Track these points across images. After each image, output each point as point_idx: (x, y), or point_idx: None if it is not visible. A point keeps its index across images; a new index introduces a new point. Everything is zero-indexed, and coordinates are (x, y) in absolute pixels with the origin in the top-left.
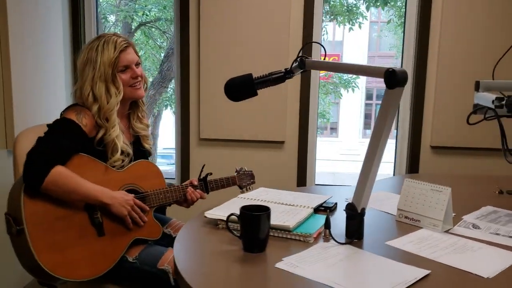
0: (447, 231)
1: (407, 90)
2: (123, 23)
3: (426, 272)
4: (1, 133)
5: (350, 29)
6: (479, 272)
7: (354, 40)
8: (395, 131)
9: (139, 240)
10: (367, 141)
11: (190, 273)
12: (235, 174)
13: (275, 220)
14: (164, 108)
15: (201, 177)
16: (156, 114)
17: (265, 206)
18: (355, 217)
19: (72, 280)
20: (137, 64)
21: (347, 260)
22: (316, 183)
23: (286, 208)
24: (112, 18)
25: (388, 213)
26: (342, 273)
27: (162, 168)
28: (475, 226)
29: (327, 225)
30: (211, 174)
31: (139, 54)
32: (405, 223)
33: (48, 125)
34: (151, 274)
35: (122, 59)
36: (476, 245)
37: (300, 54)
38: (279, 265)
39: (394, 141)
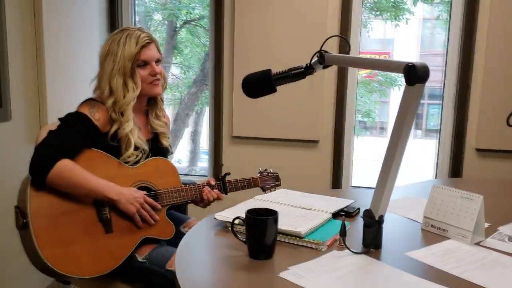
0: (477, 243)
1: (451, 89)
2: (168, 22)
3: None
4: (36, 128)
5: (397, 25)
6: None
7: (405, 37)
8: (438, 132)
9: (152, 239)
10: (417, 141)
11: (187, 279)
12: (258, 175)
13: (287, 225)
14: (206, 105)
15: (220, 177)
16: (198, 111)
17: (273, 210)
18: (372, 224)
19: (75, 276)
20: (158, 61)
21: (358, 271)
22: (353, 185)
23: (302, 212)
24: (158, 16)
25: (415, 220)
26: (349, 286)
27: (202, 165)
28: (511, 239)
29: (342, 232)
30: (229, 174)
31: (184, 51)
32: (431, 233)
33: (59, 119)
34: (159, 275)
35: (143, 55)
36: (509, 260)
37: (321, 49)
38: (283, 274)
39: (436, 142)
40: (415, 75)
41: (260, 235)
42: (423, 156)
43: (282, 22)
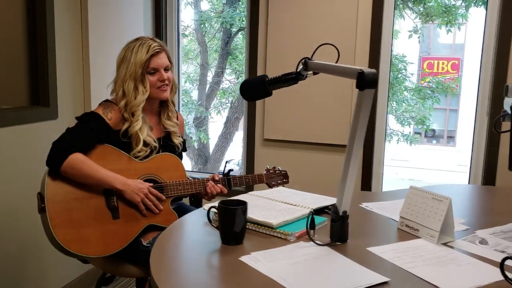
0: (445, 244)
1: (485, 93)
2: (223, 29)
3: (384, 279)
4: None
5: (448, 31)
6: (442, 285)
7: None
8: (472, 138)
9: (156, 227)
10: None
11: (158, 252)
12: (264, 172)
13: (263, 217)
14: None
15: (224, 172)
16: None
17: (243, 201)
18: (337, 219)
19: (84, 255)
20: (167, 69)
21: (312, 260)
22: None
23: (286, 207)
24: (212, 24)
25: (396, 220)
26: (297, 271)
27: None
28: (482, 242)
29: (311, 225)
30: (232, 170)
31: (239, 57)
32: (405, 232)
33: (76, 118)
34: None
35: (152, 62)
36: (466, 260)
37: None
38: (243, 258)
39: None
40: (364, 81)
41: (229, 223)
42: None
43: (313, 25)
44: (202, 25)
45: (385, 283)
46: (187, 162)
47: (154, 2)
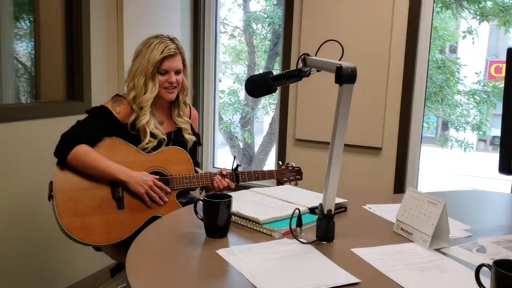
0: (439, 249)
1: None
2: (272, 29)
3: (354, 280)
4: None
5: (506, 31)
6: None
7: None
8: None
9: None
10: None
11: (142, 240)
12: (276, 168)
13: (254, 212)
14: None
15: (232, 168)
16: None
17: (228, 196)
18: (322, 218)
19: (88, 243)
20: (178, 72)
21: (289, 257)
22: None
23: (280, 204)
24: (263, 25)
25: (393, 223)
26: (268, 267)
27: None
28: (480, 250)
29: (298, 223)
30: (240, 165)
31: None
32: (400, 235)
33: (86, 111)
34: None
35: (164, 64)
36: (452, 266)
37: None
38: (220, 251)
39: None
40: (342, 75)
41: (213, 216)
42: None
43: (346, 26)
44: (249, 26)
45: (355, 284)
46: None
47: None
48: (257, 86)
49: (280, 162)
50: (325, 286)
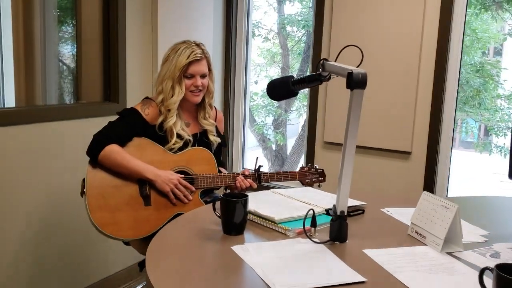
0: (451, 253)
1: None
2: (307, 33)
3: (361, 279)
4: None
5: None
6: None
7: None
8: None
9: None
10: None
11: (161, 237)
12: (298, 170)
13: (270, 212)
14: None
15: (254, 168)
16: None
17: (245, 195)
18: (335, 219)
19: (117, 237)
20: (203, 76)
21: (300, 256)
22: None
23: (298, 205)
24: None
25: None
26: (278, 264)
27: None
28: (494, 255)
29: (312, 223)
30: (262, 166)
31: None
32: (414, 238)
33: (117, 113)
34: None
35: (190, 68)
36: (462, 270)
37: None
38: (234, 247)
39: None
40: (352, 81)
41: (230, 214)
42: None
43: (377, 28)
44: (283, 29)
45: (361, 282)
46: (264, 163)
47: (225, 3)
48: (278, 89)
49: (303, 164)
50: (331, 283)
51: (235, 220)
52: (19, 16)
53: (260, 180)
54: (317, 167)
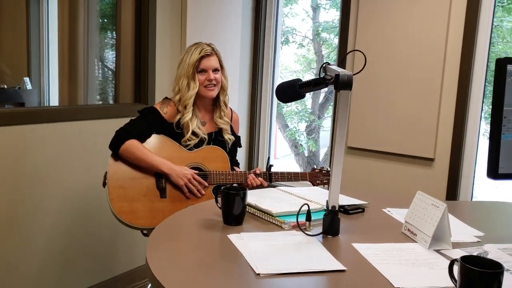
0: (439, 250)
1: None
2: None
3: (341, 267)
4: None
5: None
6: (393, 281)
7: None
8: None
9: None
10: None
11: (166, 223)
12: (309, 170)
13: (270, 206)
14: None
15: (266, 168)
16: None
17: (244, 188)
18: (327, 213)
19: (134, 226)
20: (215, 70)
21: (290, 245)
22: None
23: (299, 201)
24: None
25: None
26: (267, 251)
27: None
28: (482, 254)
29: (307, 217)
30: (272, 166)
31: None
32: (406, 235)
33: (138, 111)
34: None
35: (202, 63)
36: (444, 265)
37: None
38: (230, 236)
39: None
40: (338, 82)
41: (229, 206)
42: None
43: (400, 35)
44: (317, 36)
45: (342, 271)
46: (296, 169)
47: (254, 7)
48: (286, 92)
49: (315, 166)
50: (311, 269)
51: (234, 211)
52: (64, 23)
53: (271, 179)
54: (328, 169)
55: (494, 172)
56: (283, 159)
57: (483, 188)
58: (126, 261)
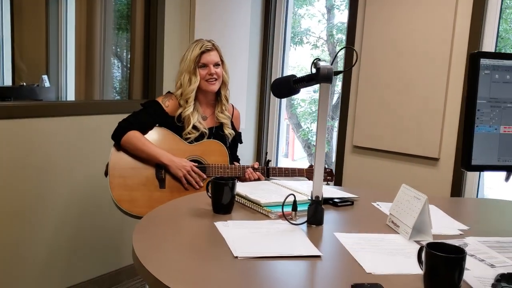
0: (419, 241)
1: None
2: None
3: (316, 253)
4: None
5: None
6: (365, 266)
7: None
8: None
9: None
10: None
11: (157, 211)
12: (306, 167)
13: (260, 197)
14: None
15: (264, 163)
16: None
17: (233, 179)
18: (311, 203)
19: (133, 214)
20: (216, 65)
21: (273, 233)
22: None
23: (288, 192)
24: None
25: None
26: (249, 237)
27: None
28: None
29: (293, 207)
30: (270, 161)
31: None
32: (390, 227)
33: (140, 104)
34: None
35: (202, 58)
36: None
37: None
38: (217, 223)
39: None
40: (319, 75)
41: (218, 195)
42: None
43: (407, 36)
44: (331, 36)
45: (317, 256)
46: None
47: (264, 7)
48: (281, 88)
49: (313, 163)
50: (287, 254)
51: (223, 201)
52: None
53: (269, 174)
54: (326, 167)
55: (467, 164)
56: (300, 161)
57: (493, 187)
58: (131, 253)
